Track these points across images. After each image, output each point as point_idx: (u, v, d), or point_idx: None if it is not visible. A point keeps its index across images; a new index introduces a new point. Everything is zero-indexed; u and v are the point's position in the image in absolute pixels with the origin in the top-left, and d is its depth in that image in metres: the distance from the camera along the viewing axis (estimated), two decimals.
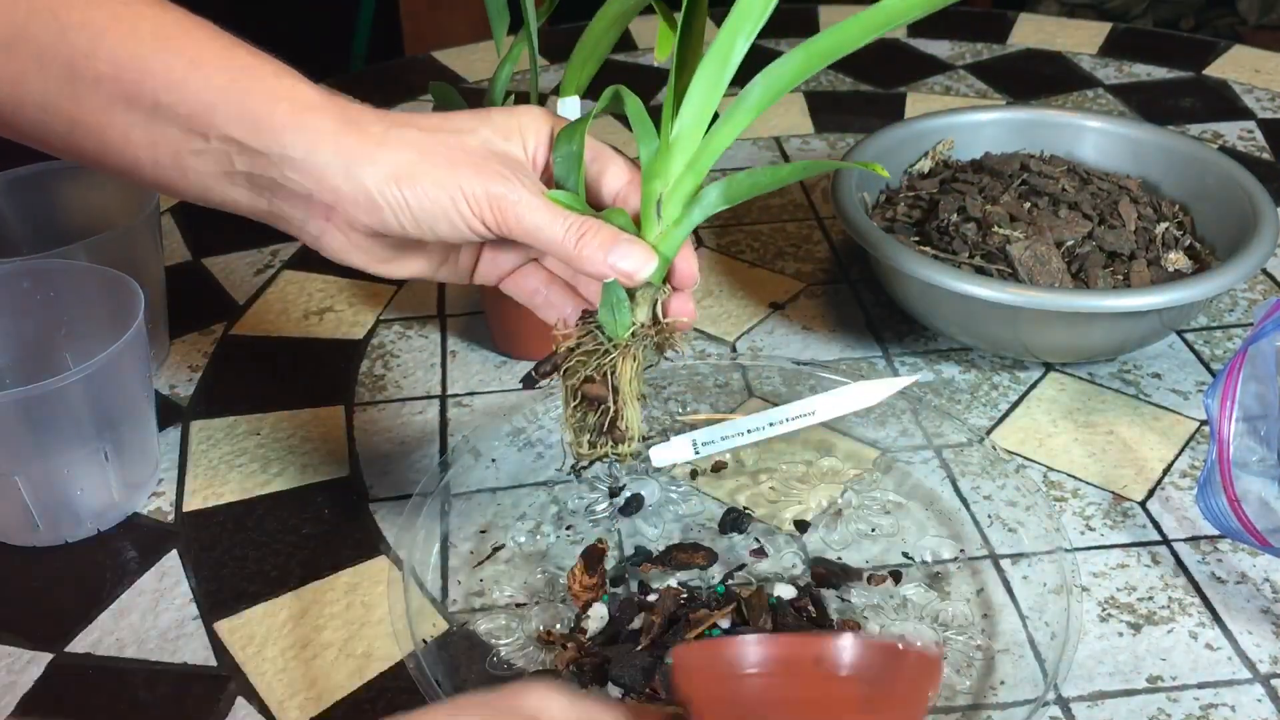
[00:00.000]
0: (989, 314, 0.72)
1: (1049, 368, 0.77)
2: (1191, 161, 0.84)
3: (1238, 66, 1.21)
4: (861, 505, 0.66)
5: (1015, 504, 0.65)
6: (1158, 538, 0.64)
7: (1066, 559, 0.59)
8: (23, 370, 0.68)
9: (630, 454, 0.56)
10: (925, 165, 0.88)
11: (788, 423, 0.59)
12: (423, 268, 0.57)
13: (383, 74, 1.30)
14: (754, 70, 0.53)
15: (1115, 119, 0.90)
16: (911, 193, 0.84)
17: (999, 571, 0.62)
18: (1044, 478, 0.69)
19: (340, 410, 0.75)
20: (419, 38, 2.25)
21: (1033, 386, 0.76)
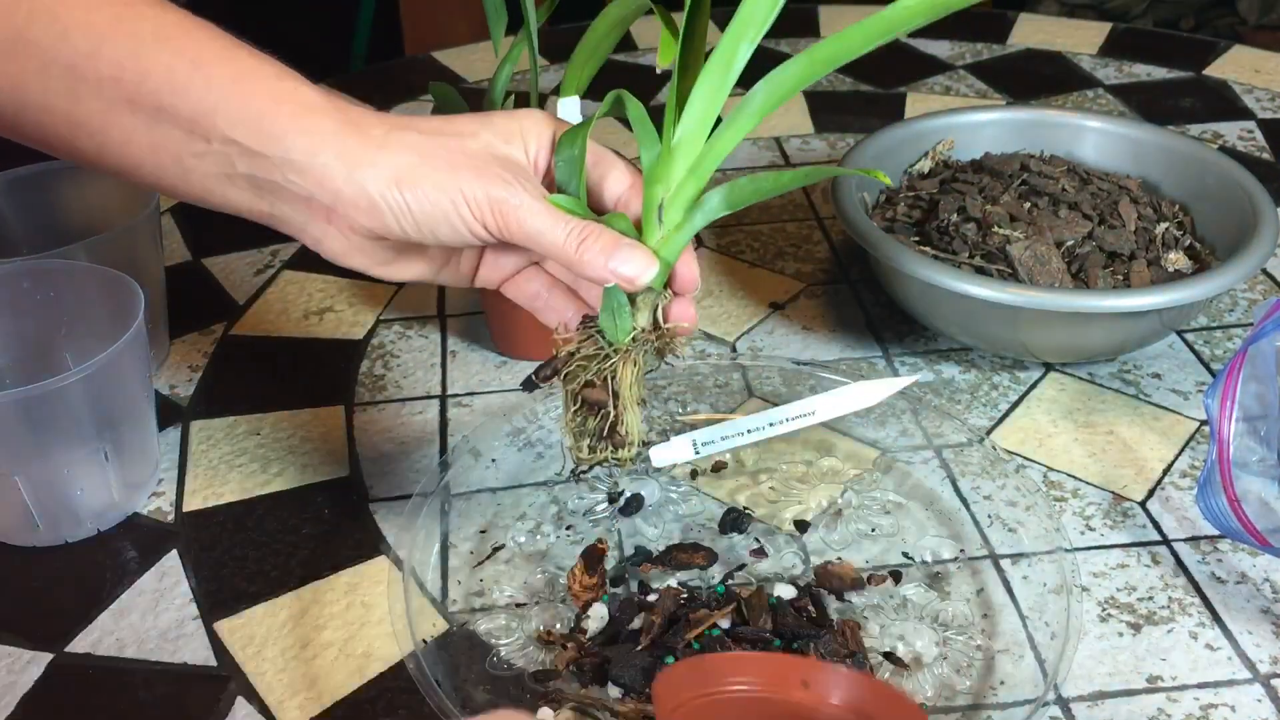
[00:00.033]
0: (989, 314, 0.72)
1: (1049, 368, 0.77)
2: (1191, 161, 0.84)
3: (1238, 66, 1.21)
4: (861, 505, 0.66)
5: (1015, 504, 0.65)
6: (1158, 538, 0.64)
7: (1066, 559, 0.59)
8: (23, 370, 0.68)
9: (630, 459, 0.56)
10: (925, 165, 0.88)
11: (788, 423, 0.59)
12: (424, 271, 0.57)
13: (383, 74, 1.30)
14: (755, 72, 0.53)
15: (1115, 119, 0.90)
16: (911, 193, 0.84)
17: (999, 571, 0.62)
18: (1044, 478, 0.69)
19: (340, 410, 0.75)
20: (419, 38, 2.25)
21: (1033, 386, 0.76)
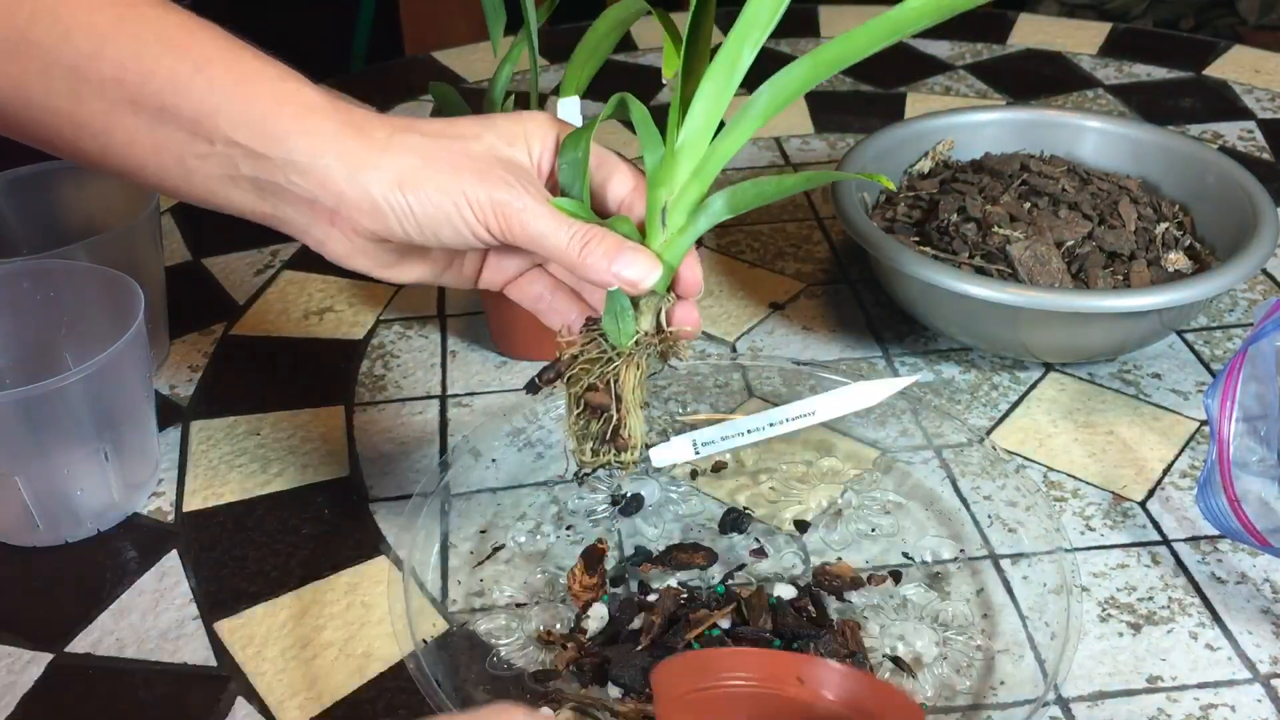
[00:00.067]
0: (989, 314, 0.72)
1: (1049, 368, 0.77)
2: (1191, 161, 0.84)
3: (1238, 66, 1.21)
4: (861, 505, 0.66)
5: (1015, 504, 0.65)
6: (1158, 538, 0.64)
7: (1066, 559, 0.59)
8: (23, 370, 0.68)
9: (633, 462, 0.56)
10: (925, 165, 0.88)
11: (788, 423, 0.59)
12: (427, 273, 0.57)
13: (383, 74, 1.30)
14: (755, 72, 0.53)
15: (1115, 119, 0.90)
16: (911, 193, 0.84)
17: (999, 571, 0.62)
18: (1044, 478, 0.69)
19: (340, 410, 0.75)
20: (419, 38, 2.25)
21: (1033, 386, 0.76)
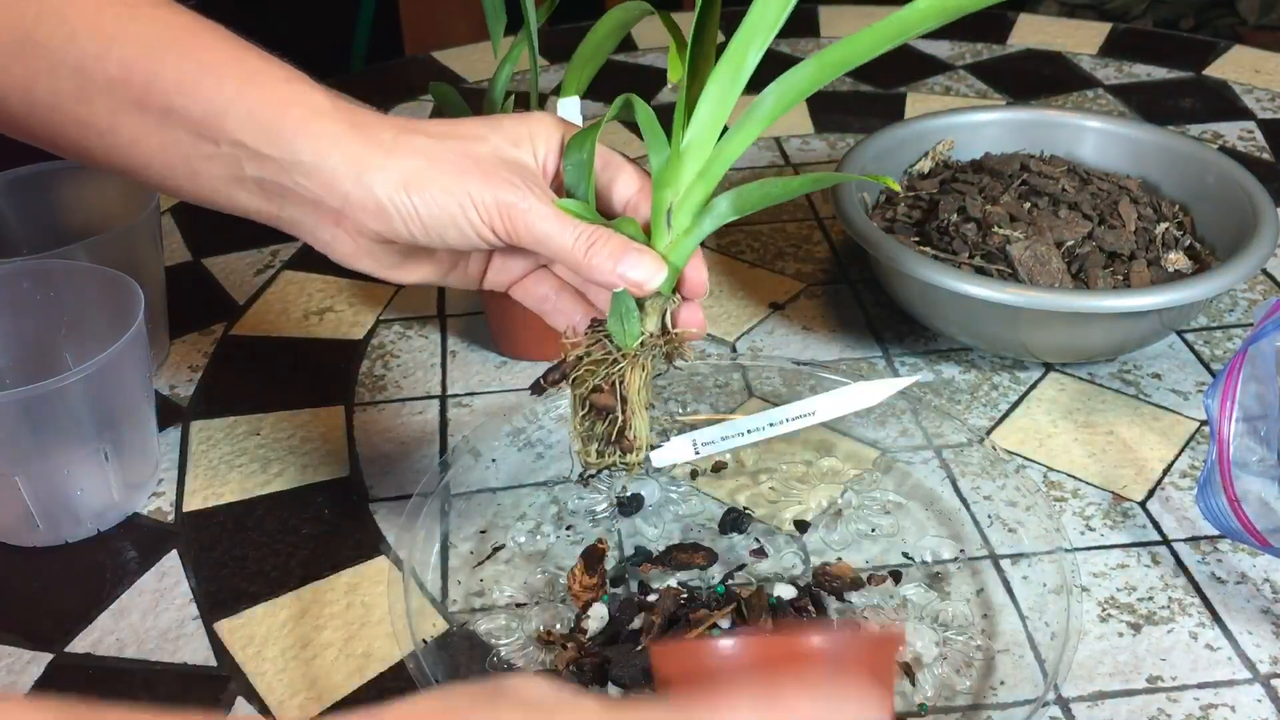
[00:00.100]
0: (989, 314, 0.72)
1: (1049, 368, 0.77)
2: (1191, 161, 0.84)
3: (1238, 66, 1.21)
4: (861, 505, 0.66)
5: (1015, 504, 0.65)
6: (1158, 538, 0.64)
7: (1066, 559, 0.59)
8: (23, 370, 0.68)
9: (638, 463, 0.56)
10: (925, 165, 0.88)
11: (788, 423, 0.59)
12: (432, 273, 0.57)
13: (383, 74, 1.30)
14: (756, 73, 0.53)
15: (1115, 119, 0.90)
16: (911, 193, 0.84)
17: (999, 571, 0.62)
18: (1044, 478, 0.69)
19: (340, 410, 0.75)
20: (419, 38, 2.25)
21: (1033, 386, 0.76)
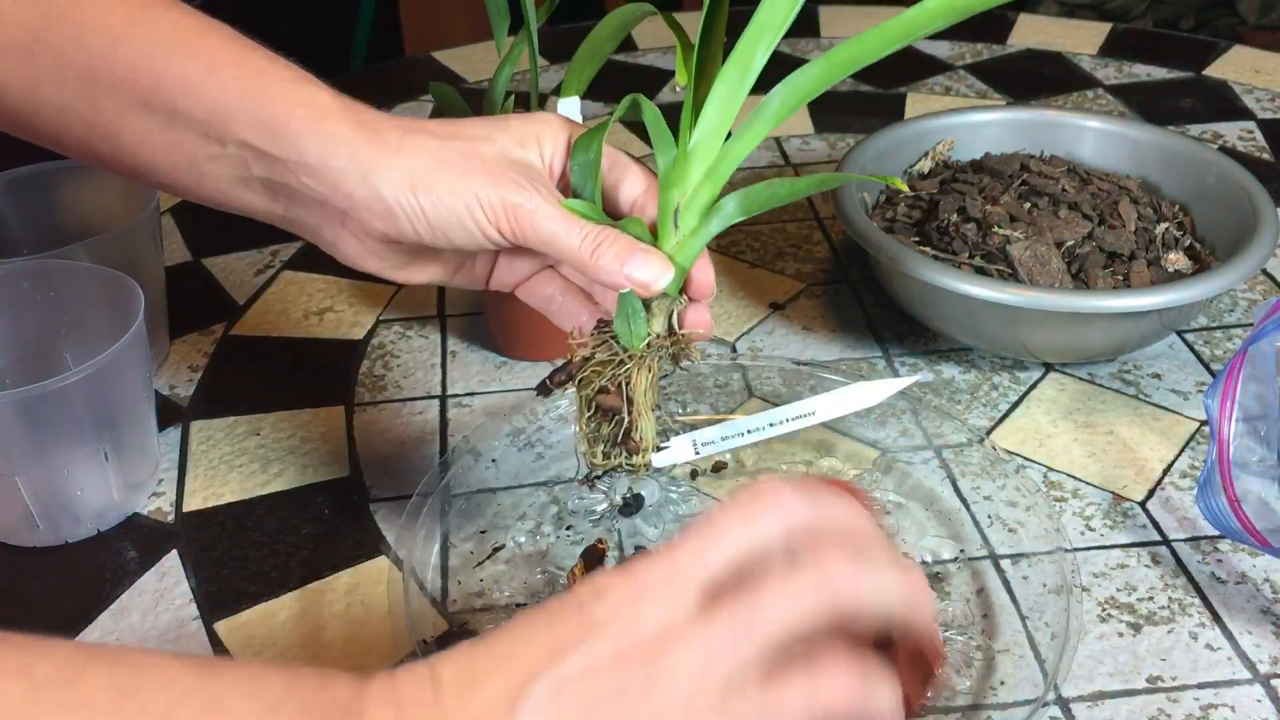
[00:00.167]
0: (989, 314, 0.72)
1: (1049, 368, 0.77)
2: (1191, 161, 0.84)
3: (1238, 67, 1.21)
4: None
5: (1015, 504, 0.65)
6: (1158, 538, 0.64)
7: (1066, 559, 0.59)
8: (23, 370, 0.68)
9: (644, 465, 0.56)
10: (925, 165, 0.88)
11: (788, 423, 0.59)
12: (438, 274, 0.57)
13: (383, 74, 1.30)
14: (760, 74, 0.53)
15: (1115, 119, 0.90)
16: (911, 193, 0.84)
17: (999, 571, 0.62)
18: (1044, 478, 0.69)
19: (340, 410, 0.75)
20: (419, 38, 2.26)
21: (1033, 386, 0.76)
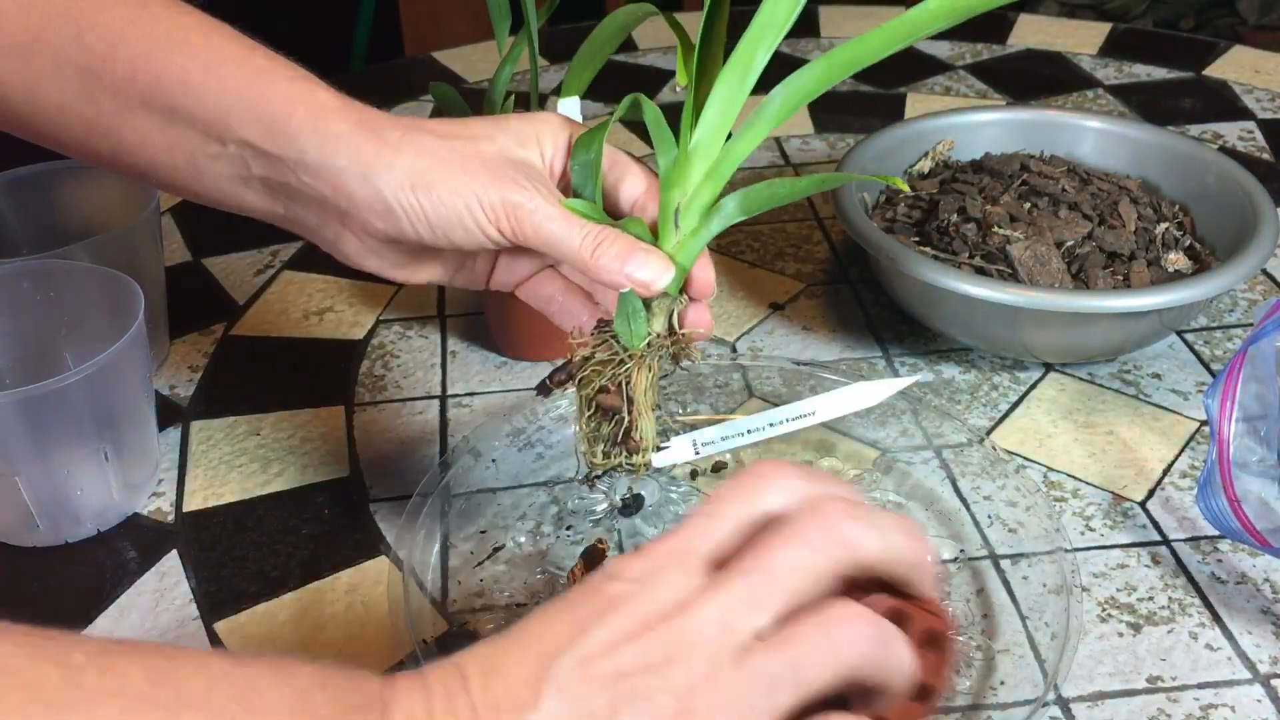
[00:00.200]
0: (989, 314, 0.72)
1: (1049, 368, 0.77)
2: (1191, 161, 0.84)
3: (1238, 67, 1.21)
4: None
5: (1015, 504, 0.65)
6: (1158, 538, 0.64)
7: (1066, 559, 0.59)
8: (23, 370, 0.68)
9: (645, 464, 0.56)
10: (925, 166, 0.88)
11: (788, 423, 0.59)
12: (438, 273, 0.57)
13: (383, 74, 1.30)
14: (763, 71, 0.53)
15: (1115, 119, 0.90)
16: (911, 193, 0.84)
17: (999, 571, 0.62)
18: (1044, 478, 0.69)
19: (340, 410, 0.75)
20: (419, 38, 2.26)
21: (1033, 387, 0.76)
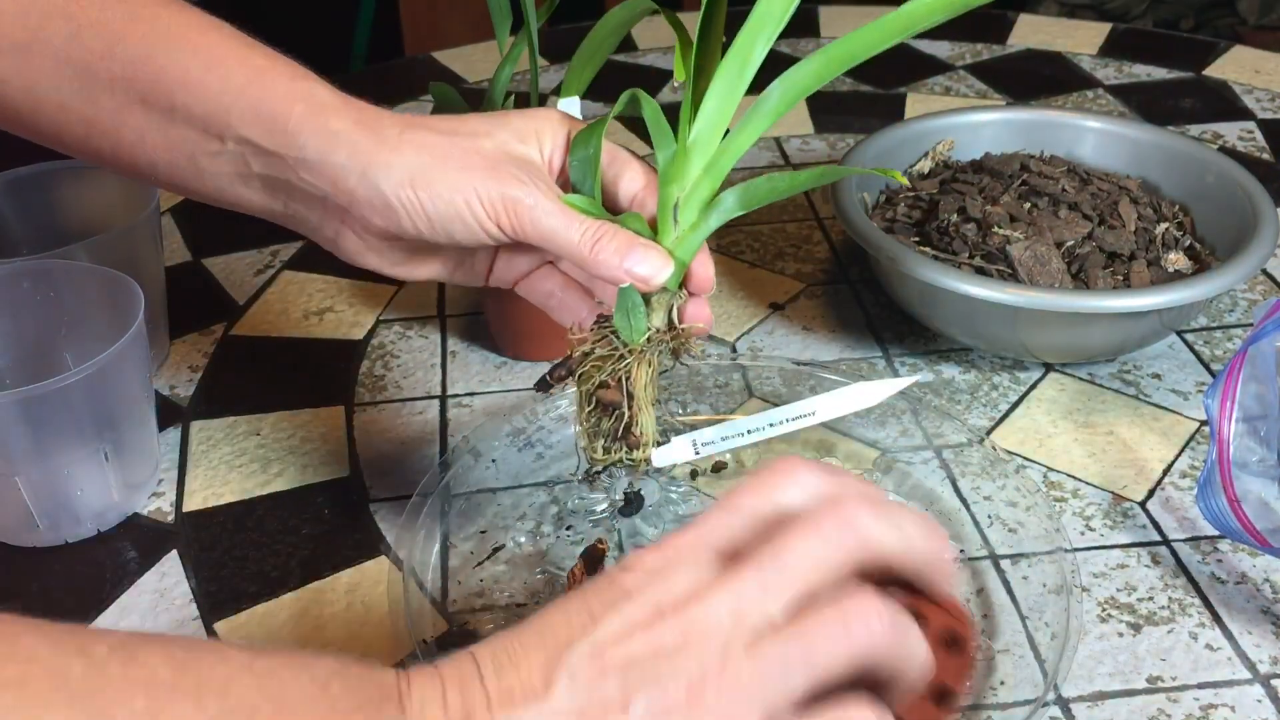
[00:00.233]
0: (989, 314, 0.72)
1: (1049, 368, 0.77)
2: (1191, 161, 0.84)
3: (1238, 67, 1.21)
4: None
5: (1015, 504, 0.65)
6: (1158, 538, 0.64)
7: (1066, 559, 0.59)
8: (23, 370, 0.68)
9: (644, 459, 0.56)
10: (925, 166, 0.88)
11: (788, 423, 0.59)
12: (438, 270, 0.57)
13: (383, 74, 1.30)
14: (759, 74, 0.53)
15: (1115, 119, 0.90)
16: (911, 193, 0.84)
17: (999, 571, 0.62)
18: (1044, 478, 0.69)
19: (340, 410, 0.75)
20: (419, 38, 2.26)
21: (1033, 387, 0.76)
